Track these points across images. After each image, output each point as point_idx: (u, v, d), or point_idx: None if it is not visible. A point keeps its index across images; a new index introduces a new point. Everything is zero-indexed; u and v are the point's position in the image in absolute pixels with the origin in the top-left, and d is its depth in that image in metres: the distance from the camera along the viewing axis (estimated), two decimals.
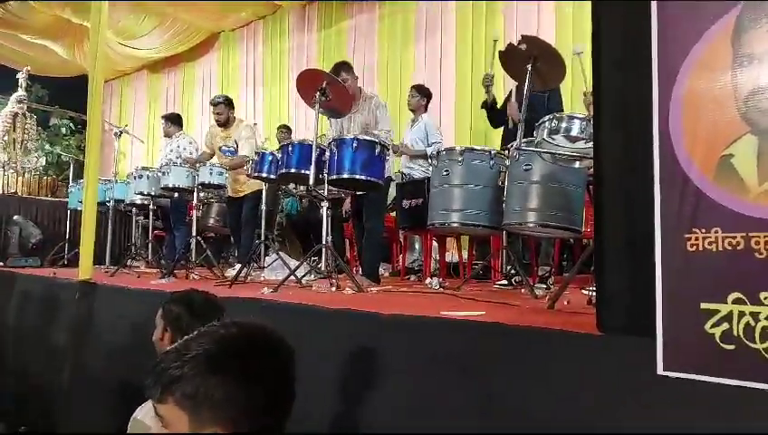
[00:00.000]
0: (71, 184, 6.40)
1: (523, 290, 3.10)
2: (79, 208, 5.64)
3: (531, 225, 3.02)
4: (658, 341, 1.25)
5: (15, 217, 6.12)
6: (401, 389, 1.81)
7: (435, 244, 4.48)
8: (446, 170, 3.41)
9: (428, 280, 3.66)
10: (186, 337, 1.00)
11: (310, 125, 7.06)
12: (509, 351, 1.63)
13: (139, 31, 8.90)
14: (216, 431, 0.93)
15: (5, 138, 7.08)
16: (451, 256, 4.61)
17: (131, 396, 2.63)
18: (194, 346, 0.97)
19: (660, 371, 1.24)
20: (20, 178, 6.75)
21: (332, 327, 2.20)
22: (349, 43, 7.76)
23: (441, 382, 1.72)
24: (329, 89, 3.37)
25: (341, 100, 3.49)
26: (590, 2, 1.61)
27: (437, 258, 4.54)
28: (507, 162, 3.20)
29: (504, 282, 3.49)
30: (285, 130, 6.47)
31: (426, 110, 5.14)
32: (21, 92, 7.21)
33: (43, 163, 8.53)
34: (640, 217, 1.34)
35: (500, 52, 2.83)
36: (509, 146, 3.34)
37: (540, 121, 2.63)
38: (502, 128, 4.47)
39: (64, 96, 11.58)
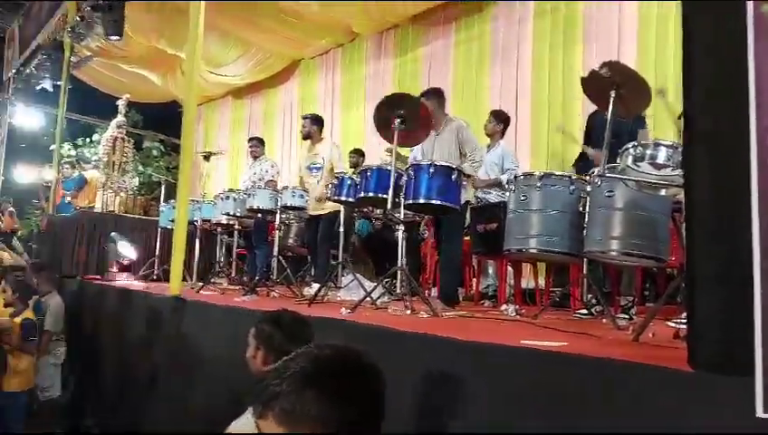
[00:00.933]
0: (162, 204, 6.83)
1: (604, 320, 3.01)
2: (169, 227, 6.02)
3: (613, 253, 2.94)
4: (758, 379, 1.18)
5: (113, 234, 6.58)
6: (480, 418, 1.81)
7: (509, 269, 4.43)
8: (524, 196, 3.39)
9: (504, 307, 3.63)
10: (285, 357, 1.07)
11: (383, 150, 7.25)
12: (593, 384, 1.60)
13: (226, 59, 9.43)
14: None
15: (106, 160, 7.65)
16: (527, 282, 4.55)
17: (220, 407, 2.78)
18: (292, 365, 1.05)
19: (760, 413, 1.18)
20: (117, 198, 7.28)
21: (410, 351, 2.23)
22: (424, 69, 7.88)
23: (522, 413, 1.70)
24: (408, 115, 3.45)
25: (420, 127, 3.57)
26: (673, 28, 1.59)
27: (512, 284, 4.48)
28: (588, 188, 3.15)
29: (584, 311, 3.40)
30: (357, 153, 6.61)
31: (503, 135, 5.14)
32: (120, 118, 7.80)
33: (137, 183, 9.12)
34: (736, 247, 1.29)
35: (582, 78, 2.81)
36: (591, 172, 3.30)
37: (624, 148, 2.58)
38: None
39: (156, 121, 12.46)
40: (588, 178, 3.28)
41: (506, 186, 4.32)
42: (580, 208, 3.21)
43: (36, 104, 11.94)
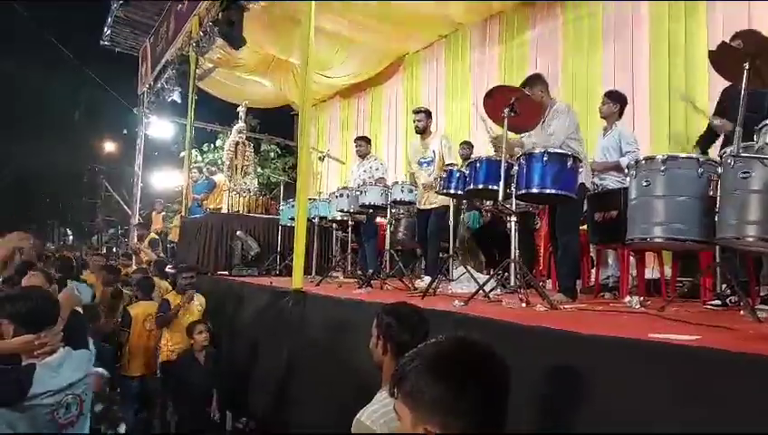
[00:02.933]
0: (282, 203, 7.24)
1: (741, 312, 2.77)
2: (289, 225, 6.39)
3: (750, 239, 2.69)
4: None
5: (238, 233, 7.09)
6: (608, 414, 1.75)
7: (632, 259, 4.20)
8: (647, 181, 3.21)
9: (627, 298, 3.45)
10: (421, 344, 1.15)
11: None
12: (733, 381, 1.49)
13: (334, 61, 9.75)
14: (429, 430, 1.04)
15: (229, 164, 8.25)
16: (651, 272, 4.29)
17: (344, 394, 2.92)
18: (423, 350, 1.12)
19: None
20: (240, 199, 7.82)
21: (529, 344, 2.19)
22: (531, 53, 7.66)
23: (653, 413, 1.63)
24: (517, 105, 3.39)
25: (531, 115, 3.49)
26: None
27: (635, 274, 4.24)
28: (719, 170, 2.91)
29: (718, 302, 3.15)
30: (467, 145, 6.57)
31: (620, 117, 4.85)
32: (241, 124, 8.37)
33: (256, 184, 9.73)
34: None
35: (710, 52, 2.61)
36: (722, 152, 3.05)
37: (762, 124, 2.37)
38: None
39: (271, 124, 13.23)
40: (719, 158, 3.03)
41: (625, 170, 4.10)
42: (710, 192, 2.98)
43: (167, 115, 13.14)
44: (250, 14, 7.83)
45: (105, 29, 12.66)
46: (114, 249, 14.00)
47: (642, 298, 3.41)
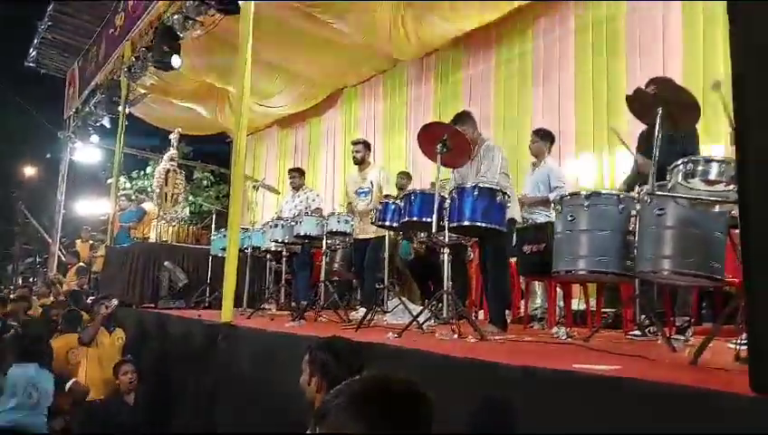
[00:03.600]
0: (213, 232, 7.04)
1: (659, 342, 2.91)
2: (220, 255, 6.19)
3: (666, 272, 2.86)
4: None
5: (166, 263, 6.81)
6: None
7: (559, 291, 4.35)
8: (572, 216, 3.34)
9: (555, 329, 3.55)
10: (345, 381, 1.13)
11: (425, 173, 7.30)
12: (651, 410, 1.55)
13: (272, 90, 9.73)
14: None
15: (158, 192, 7.97)
16: (577, 303, 4.44)
17: (276, 431, 2.82)
18: (345, 388, 1.11)
19: None
20: (170, 228, 7.54)
21: (460, 377, 2.21)
22: (465, 91, 7.94)
23: None
24: (450, 141, 3.48)
25: (461, 151, 3.59)
26: (722, 32, 1.57)
27: (562, 306, 4.39)
28: (638, 206, 3.08)
29: (638, 332, 3.29)
30: (405, 176, 6.63)
31: (549, 153, 5.09)
32: (173, 151, 8.13)
33: (187, 213, 9.45)
34: None
35: (627, 96, 2.78)
36: (639, 190, 3.23)
37: (673, 165, 2.52)
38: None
39: (205, 151, 12.96)
40: (637, 195, 3.21)
41: (552, 205, 4.27)
42: (630, 227, 3.14)
43: (94, 141, 12.60)
44: (186, 40, 7.72)
45: (31, 50, 12.10)
46: (31, 279, 13.11)
47: (569, 329, 3.52)
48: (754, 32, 1.49)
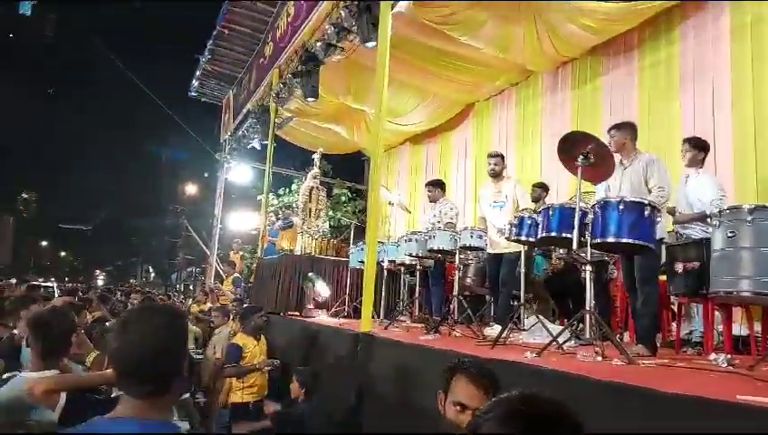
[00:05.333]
0: (351, 245, 7.39)
1: None
2: (358, 267, 6.48)
3: None
4: None
5: (310, 274, 7.27)
6: None
7: (717, 314, 3.96)
8: (732, 231, 3.06)
9: (713, 355, 3.25)
10: (495, 398, 1.16)
11: (560, 185, 7.04)
12: None
13: (405, 109, 10.00)
14: None
15: (302, 207, 8.54)
16: (739, 328, 4.02)
17: None
18: (495, 404, 1.12)
19: None
20: (313, 241, 8.04)
21: (604, 402, 2.12)
22: (605, 98, 7.55)
23: None
24: (592, 153, 3.35)
25: (605, 164, 3.45)
26: None
27: (721, 330, 3.99)
28: None
29: None
30: (540, 187, 6.42)
31: (703, 164, 4.67)
32: (316, 170, 8.68)
33: (328, 227, 9.98)
34: None
35: None
36: None
37: None
38: None
39: (343, 169, 13.64)
40: None
41: (709, 220, 3.93)
42: None
43: (247, 161, 13.87)
44: (327, 66, 8.23)
45: (193, 81, 13.65)
46: (191, 287, 14.62)
47: (729, 356, 3.21)
48: None
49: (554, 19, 6.86)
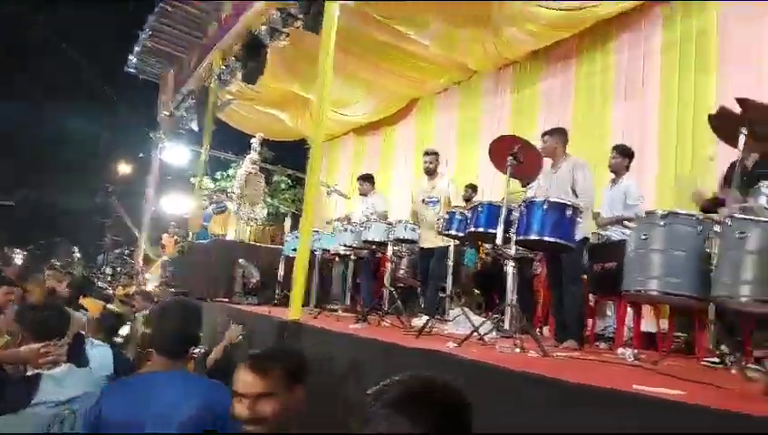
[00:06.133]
0: (287, 233, 7.31)
1: (733, 371, 2.76)
2: (291, 255, 6.42)
3: (744, 299, 2.70)
4: None
5: (241, 261, 7.15)
6: None
7: (630, 311, 4.20)
8: (645, 234, 3.23)
9: (621, 350, 3.44)
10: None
11: (497, 185, 7.24)
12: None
13: (350, 100, 9.98)
14: None
15: (239, 193, 8.37)
16: (647, 325, 4.28)
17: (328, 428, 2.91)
18: (384, 390, 1.13)
19: None
20: (248, 228, 7.91)
21: (515, 390, 2.21)
22: (542, 104, 7.81)
23: None
24: (521, 154, 3.47)
25: (532, 164, 3.58)
26: None
27: (632, 326, 4.23)
28: (716, 228, 2.95)
29: (716, 360, 3.13)
30: (471, 188, 6.70)
31: (627, 171, 4.94)
32: (254, 155, 8.52)
33: (265, 215, 9.83)
34: None
35: (710, 116, 2.69)
36: (720, 212, 3.09)
37: (756, 187, 2.41)
38: None
39: (285, 156, 13.45)
40: (717, 218, 3.07)
41: (627, 223, 4.15)
42: (708, 250, 3.00)
43: (183, 143, 13.42)
44: (272, 50, 8.09)
45: (131, 56, 13.07)
46: (118, 269, 14.07)
47: (637, 351, 3.40)
48: None
49: (498, 19, 7.01)
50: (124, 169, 20.45)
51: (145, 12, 11.47)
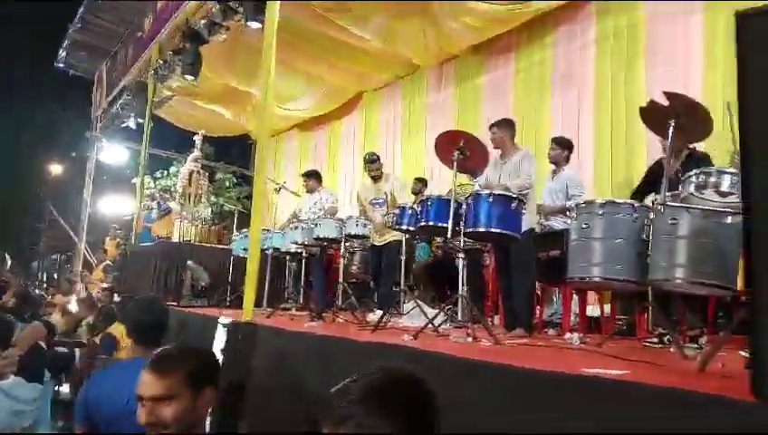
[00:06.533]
0: (234, 233, 7.19)
1: (671, 349, 2.95)
2: (241, 255, 6.33)
3: (678, 281, 2.90)
4: None
5: (189, 263, 6.98)
6: None
7: (575, 297, 4.39)
8: (586, 223, 3.39)
9: (568, 335, 3.61)
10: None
11: (444, 177, 7.36)
12: (651, 414, 1.61)
13: (294, 94, 9.87)
14: None
15: (182, 192, 8.16)
16: (592, 310, 4.48)
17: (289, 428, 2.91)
18: (352, 386, 1.15)
19: None
20: (192, 228, 7.72)
21: (469, 377, 2.28)
22: (484, 97, 7.98)
23: None
24: (467, 148, 3.56)
25: (478, 157, 3.67)
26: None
27: (577, 312, 4.43)
28: (651, 215, 3.13)
29: (655, 340, 3.33)
30: (420, 182, 6.76)
31: (567, 162, 5.13)
32: (197, 153, 8.32)
33: (209, 213, 9.62)
34: None
35: (641, 108, 2.84)
36: (653, 200, 3.27)
37: (686, 176, 2.57)
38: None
39: (228, 153, 13.16)
40: (651, 205, 3.25)
41: (568, 213, 4.32)
42: (644, 236, 3.17)
43: (120, 141, 12.90)
44: (212, 44, 7.89)
45: (60, 51, 12.44)
46: (55, 275, 13.44)
47: (582, 335, 3.57)
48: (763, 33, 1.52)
49: (438, 13, 7.10)
50: (56, 169, 19.51)
51: (77, 4, 10.95)
